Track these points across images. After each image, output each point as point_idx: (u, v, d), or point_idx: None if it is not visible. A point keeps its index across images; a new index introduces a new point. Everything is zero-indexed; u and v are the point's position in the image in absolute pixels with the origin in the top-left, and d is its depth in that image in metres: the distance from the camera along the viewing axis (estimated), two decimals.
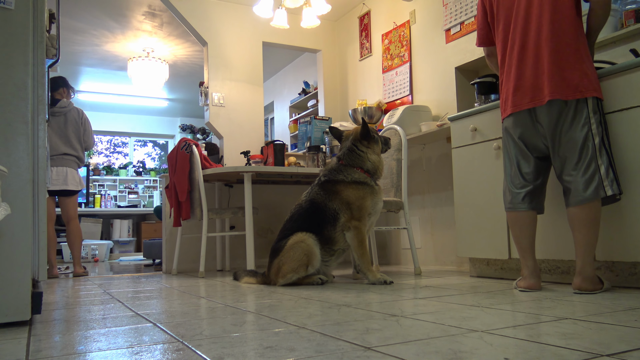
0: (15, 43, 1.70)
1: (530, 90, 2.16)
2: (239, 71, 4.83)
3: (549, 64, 2.10)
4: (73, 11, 5.32)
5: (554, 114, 2.10)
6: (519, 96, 2.20)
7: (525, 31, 2.20)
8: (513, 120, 2.25)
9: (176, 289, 2.78)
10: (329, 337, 1.31)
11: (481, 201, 2.82)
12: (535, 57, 2.15)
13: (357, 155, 2.77)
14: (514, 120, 2.25)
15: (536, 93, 2.14)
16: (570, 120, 2.08)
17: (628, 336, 1.23)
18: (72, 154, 4.22)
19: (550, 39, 2.11)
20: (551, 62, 2.10)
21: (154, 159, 10.38)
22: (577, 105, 2.07)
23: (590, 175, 2.04)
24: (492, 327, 1.38)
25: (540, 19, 2.15)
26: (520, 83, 2.20)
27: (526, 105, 2.17)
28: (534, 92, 2.15)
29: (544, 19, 2.14)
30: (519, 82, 2.20)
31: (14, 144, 1.66)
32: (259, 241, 4.36)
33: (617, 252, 2.17)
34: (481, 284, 2.53)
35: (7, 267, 1.61)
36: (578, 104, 2.07)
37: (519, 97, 2.20)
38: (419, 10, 4.19)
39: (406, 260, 4.28)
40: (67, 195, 4.22)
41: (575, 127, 2.07)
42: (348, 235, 2.67)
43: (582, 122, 2.06)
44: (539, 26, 2.16)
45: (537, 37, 2.15)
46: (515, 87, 2.21)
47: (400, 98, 4.34)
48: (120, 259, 7.44)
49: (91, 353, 1.25)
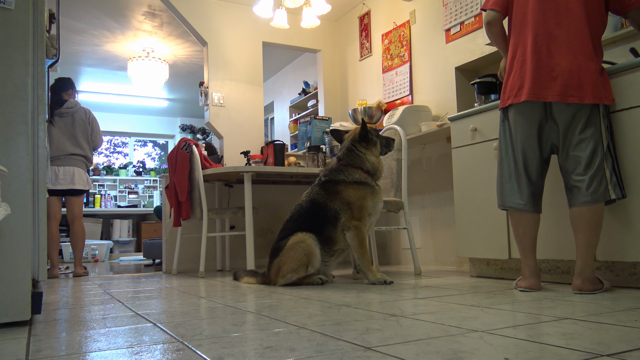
0: (15, 43, 1.70)
1: (557, 86, 2.06)
2: (239, 71, 4.83)
3: (580, 65, 2.05)
4: (73, 11, 5.32)
5: (569, 113, 2.07)
6: (544, 86, 2.09)
7: (557, 21, 2.11)
8: (527, 109, 2.15)
9: (176, 289, 2.78)
10: (329, 337, 1.31)
11: (481, 201, 2.82)
12: (571, 52, 2.07)
13: (356, 155, 2.77)
14: (527, 109, 2.14)
15: (562, 89, 2.05)
16: (584, 122, 2.06)
17: (628, 336, 1.23)
18: (80, 153, 4.23)
19: (582, 40, 2.07)
20: (582, 63, 2.05)
21: (154, 159, 10.37)
22: (592, 108, 2.06)
23: (599, 178, 2.04)
24: (492, 327, 1.38)
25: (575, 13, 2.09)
26: (549, 73, 2.09)
27: (547, 98, 2.08)
28: (560, 88, 2.05)
29: (580, 14, 2.09)
30: (547, 72, 2.09)
31: (14, 144, 1.66)
32: (259, 241, 4.36)
33: (617, 252, 2.17)
34: (481, 284, 2.53)
35: (7, 267, 1.61)
36: (593, 108, 2.06)
37: (544, 86, 2.09)
38: (419, 10, 4.19)
39: (406, 260, 4.28)
40: (73, 194, 4.23)
41: (589, 129, 2.06)
42: (348, 235, 2.67)
43: (595, 125, 2.06)
44: (573, 20, 2.09)
45: (570, 32, 2.09)
46: (539, 74, 2.10)
47: (400, 98, 4.34)
48: (120, 259, 7.43)
49: (91, 353, 1.25)
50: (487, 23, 2.33)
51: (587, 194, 2.04)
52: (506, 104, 2.23)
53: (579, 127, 2.07)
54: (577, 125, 2.07)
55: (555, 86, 2.07)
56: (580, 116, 2.06)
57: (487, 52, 3.44)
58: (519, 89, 2.16)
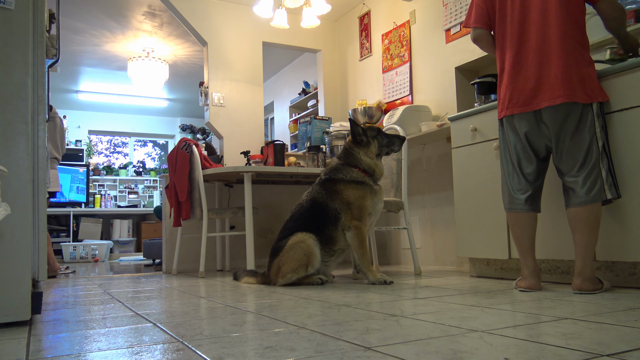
0: (15, 43, 1.70)
1: (542, 91, 2.11)
2: (239, 71, 4.83)
3: (562, 66, 2.08)
4: (73, 11, 5.32)
5: (560, 116, 2.09)
6: (528, 96, 2.15)
7: (537, 31, 2.15)
8: (518, 119, 2.21)
9: (176, 289, 2.78)
10: (329, 337, 1.31)
11: (481, 201, 2.82)
12: (547, 58, 2.12)
13: (352, 155, 2.77)
14: (519, 119, 2.21)
15: (547, 94, 2.09)
16: (576, 123, 2.07)
17: (628, 336, 1.23)
18: (58, 157, 4.37)
19: (562, 41, 2.09)
20: (564, 64, 2.08)
21: (154, 159, 10.37)
22: (583, 108, 2.07)
23: (594, 178, 2.04)
24: (492, 327, 1.38)
25: (550, 20, 2.13)
26: (529, 84, 2.15)
27: (536, 106, 2.13)
28: (545, 93, 2.10)
29: (554, 20, 2.12)
30: (528, 83, 2.16)
31: (14, 144, 1.66)
32: (259, 241, 4.36)
33: (617, 252, 2.17)
34: (481, 284, 2.53)
35: (7, 267, 1.61)
36: (584, 107, 2.07)
37: (528, 97, 2.15)
38: (419, 10, 4.19)
39: (406, 260, 4.28)
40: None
41: (581, 130, 2.07)
42: (348, 235, 2.67)
43: (587, 125, 2.06)
44: (548, 27, 2.13)
45: (547, 39, 2.13)
46: (522, 87, 2.17)
47: (400, 98, 4.34)
48: (120, 259, 7.43)
49: (91, 353, 1.25)
50: (473, 40, 2.42)
51: (582, 195, 2.05)
52: (500, 116, 2.31)
53: (571, 128, 2.08)
54: (570, 126, 2.08)
55: (542, 92, 2.11)
56: (573, 117, 2.07)
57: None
58: (509, 100, 2.23)
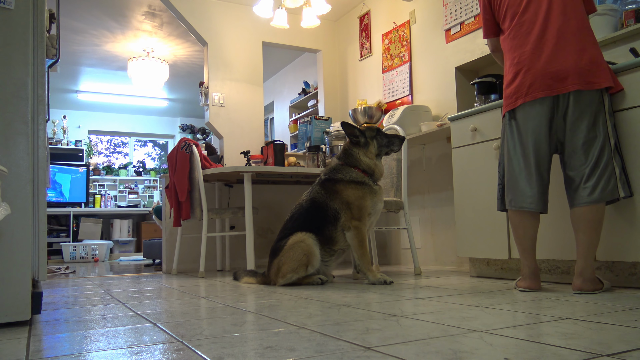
0: (15, 43, 1.70)
1: (571, 76, 2.05)
2: (239, 71, 4.83)
3: (594, 54, 2.08)
4: (73, 11, 5.32)
5: (579, 107, 2.06)
6: (554, 79, 2.08)
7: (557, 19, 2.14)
8: (538, 105, 2.12)
9: (176, 289, 2.78)
10: (329, 337, 1.31)
11: (481, 201, 2.82)
12: (575, 46, 2.09)
13: (351, 155, 2.77)
14: (538, 105, 2.12)
15: (577, 78, 2.04)
16: (592, 120, 2.05)
17: (628, 336, 1.23)
18: None
19: (587, 29, 2.13)
20: (594, 53, 2.09)
21: (154, 159, 10.37)
22: (599, 106, 2.06)
23: (607, 176, 2.03)
24: (492, 327, 1.38)
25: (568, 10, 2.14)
26: (553, 67, 2.08)
27: (564, 89, 2.06)
28: (573, 78, 2.05)
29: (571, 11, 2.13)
30: (552, 66, 2.09)
31: (14, 144, 1.66)
32: (259, 241, 4.36)
33: (617, 252, 2.17)
34: (481, 284, 2.53)
35: (7, 267, 1.61)
36: (599, 105, 2.06)
37: (554, 79, 2.08)
38: (419, 10, 4.19)
39: (406, 260, 4.28)
40: None
41: (596, 127, 2.05)
42: (348, 235, 2.67)
43: (601, 123, 2.06)
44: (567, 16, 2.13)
45: (568, 26, 2.11)
46: (544, 70, 2.10)
47: (400, 98, 4.34)
48: (120, 259, 7.43)
49: (91, 353, 1.25)
50: (492, 52, 2.49)
51: (595, 193, 2.02)
52: (516, 104, 2.19)
53: (586, 123, 2.06)
54: (584, 121, 2.06)
55: (571, 77, 2.06)
56: (589, 112, 2.05)
57: (487, 52, 3.43)
58: (529, 86, 2.14)
